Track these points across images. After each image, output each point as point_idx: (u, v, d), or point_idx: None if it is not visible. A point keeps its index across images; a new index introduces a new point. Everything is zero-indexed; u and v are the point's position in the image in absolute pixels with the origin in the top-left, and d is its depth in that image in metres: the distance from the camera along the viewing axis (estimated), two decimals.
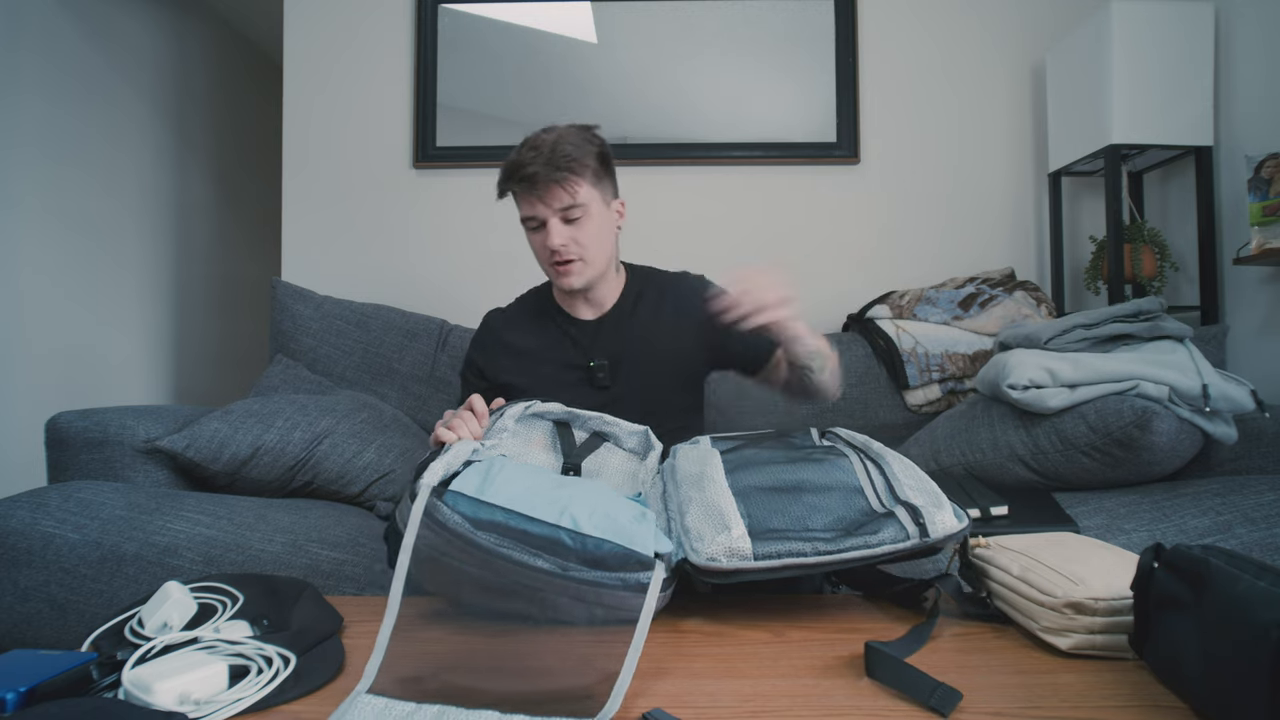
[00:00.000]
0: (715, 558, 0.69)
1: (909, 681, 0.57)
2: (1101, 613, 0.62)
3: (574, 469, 0.93)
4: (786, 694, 0.58)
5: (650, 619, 0.61)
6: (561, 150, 1.12)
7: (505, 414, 0.95)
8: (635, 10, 2.22)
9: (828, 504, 0.77)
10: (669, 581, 0.71)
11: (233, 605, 0.71)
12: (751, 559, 0.69)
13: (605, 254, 1.21)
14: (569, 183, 1.13)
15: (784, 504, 0.77)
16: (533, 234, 1.19)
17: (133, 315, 2.75)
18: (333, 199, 2.26)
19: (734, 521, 0.72)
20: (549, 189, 1.13)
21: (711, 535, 0.71)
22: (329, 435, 1.50)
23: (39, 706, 0.51)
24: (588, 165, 1.15)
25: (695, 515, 0.75)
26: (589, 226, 1.17)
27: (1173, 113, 1.84)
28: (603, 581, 0.67)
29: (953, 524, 0.72)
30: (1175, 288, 2.06)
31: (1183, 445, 1.23)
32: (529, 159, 1.12)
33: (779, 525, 0.73)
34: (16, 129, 2.24)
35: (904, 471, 0.80)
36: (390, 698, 0.56)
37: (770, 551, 0.69)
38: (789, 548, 0.70)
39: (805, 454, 0.89)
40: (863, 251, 2.22)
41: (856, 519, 0.74)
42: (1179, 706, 0.54)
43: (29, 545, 1.16)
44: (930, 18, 2.23)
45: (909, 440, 1.63)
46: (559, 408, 1.00)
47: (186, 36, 3.08)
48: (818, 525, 0.73)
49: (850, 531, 0.72)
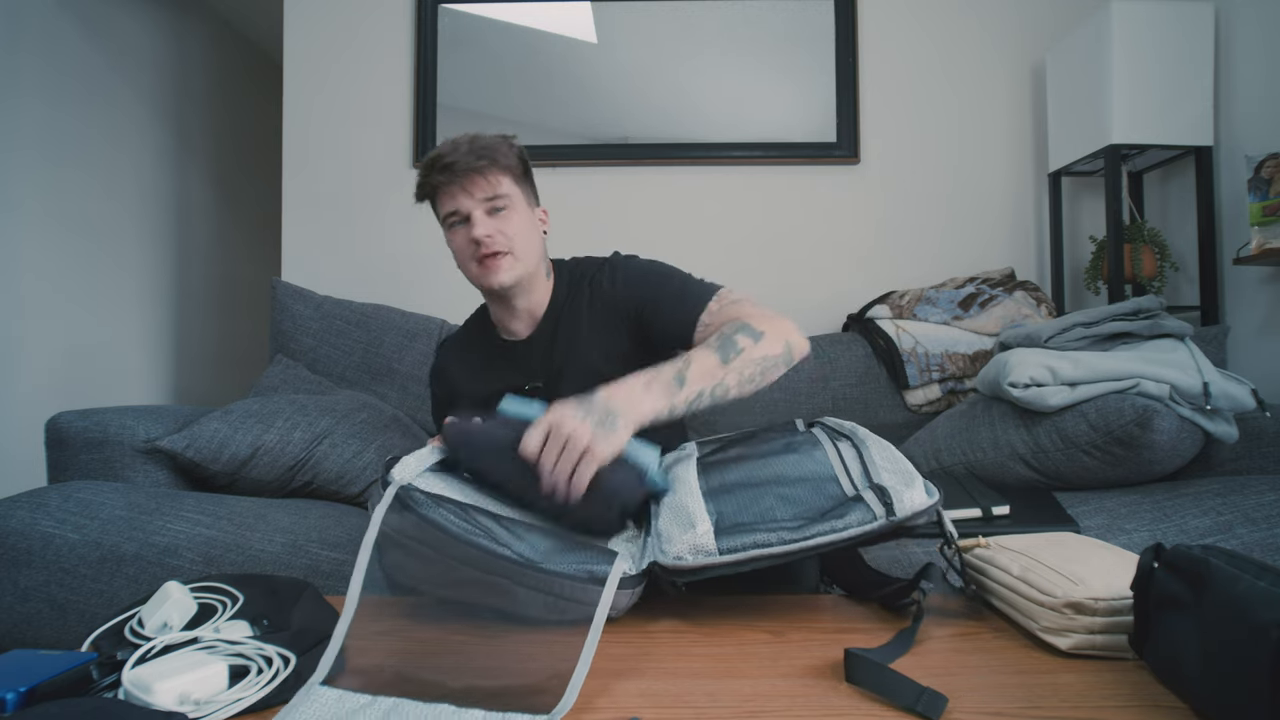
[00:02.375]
0: (681, 556, 0.70)
1: (891, 687, 0.55)
2: (1101, 613, 0.62)
3: None
4: (785, 694, 0.58)
5: (606, 614, 0.61)
6: (481, 142, 1.10)
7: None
8: (635, 10, 2.22)
9: (798, 494, 0.77)
10: (635, 580, 0.71)
11: (233, 605, 0.71)
12: (716, 553, 0.69)
13: (534, 252, 1.14)
14: (491, 173, 1.10)
15: (753, 498, 0.77)
16: (454, 232, 1.14)
17: (133, 315, 2.75)
18: (333, 199, 2.26)
19: (700, 519, 0.72)
20: (470, 178, 1.09)
21: (679, 535, 0.71)
22: (329, 435, 1.50)
23: (39, 706, 0.51)
24: (509, 164, 1.12)
25: (665, 518, 0.76)
26: (514, 219, 1.12)
27: (1173, 113, 1.84)
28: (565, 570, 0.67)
29: (921, 500, 0.71)
30: (1175, 288, 2.06)
31: (1184, 444, 1.23)
32: (448, 150, 1.10)
33: (746, 519, 0.73)
34: (16, 130, 2.24)
35: (880, 454, 0.79)
36: (345, 690, 0.56)
37: (735, 545, 0.70)
38: (754, 539, 0.70)
39: (783, 446, 0.88)
40: (863, 251, 2.22)
41: (826, 506, 0.74)
42: (1179, 706, 0.54)
43: (29, 545, 1.16)
44: (930, 18, 2.23)
45: (909, 440, 1.63)
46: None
47: (186, 37, 3.08)
48: (785, 515, 0.73)
49: (818, 519, 0.72)
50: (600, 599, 0.63)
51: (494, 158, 1.10)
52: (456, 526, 0.69)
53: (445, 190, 1.11)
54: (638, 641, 0.69)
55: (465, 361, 1.26)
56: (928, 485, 0.73)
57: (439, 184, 1.11)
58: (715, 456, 0.91)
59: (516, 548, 0.69)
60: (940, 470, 1.47)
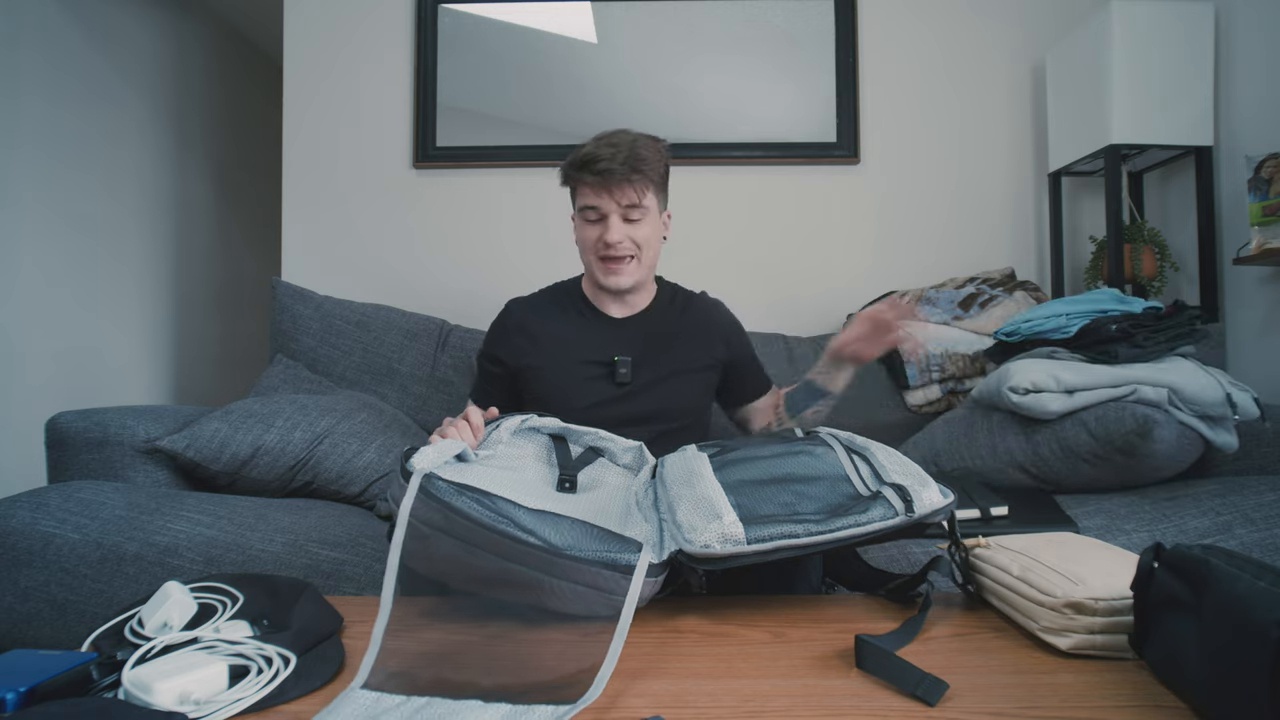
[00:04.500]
0: (709, 544, 0.70)
1: (896, 672, 0.58)
2: (1101, 612, 0.62)
3: (570, 480, 0.94)
4: (786, 694, 0.58)
5: (635, 603, 0.62)
6: (638, 153, 1.18)
7: (501, 426, 0.95)
8: (635, 10, 2.22)
9: (815, 491, 0.79)
10: (659, 569, 0.71)
11: (233, 605, 0.71)
12: (745, 543, 0.70)
13: (653, 258, 1.27)
14: (639, 184, 1.18)
15: (772, 493, 0.78)
16: (589, 225, 1.22)
17: (133, 315, 2.75)
18: (333, 199, 2.26)
19: (725, 510, 0.73)
20: (620, 186, 1.17)
21: (704, 525, 0.71)
22: (329, 435, 1.50)
23: (39, 706, 0.51)
24: (657, 173, 1.21)
25: (686, 510, 0.76)
26: (645, 229, 1.22)
27: (1173, 113, 1.84)
28: (591, 557, 0.68)
29: (938, 499, 0.73)
30: (1175, 288, 2.06)
31: (1184, 452, 1.23)
32: (606, 154, 1.17)
33: (769, 511, 0.74)
34: (17, 129, 2.24)
35: (888, 457, 0.82)
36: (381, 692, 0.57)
37: (763, 535, 0.70)
38: (781, 530, 0.71)
39: (789, 448, 0.90)
40: (863, 251, 2.22)
41: (844, 503, 0.76)
42: (1179, 706, 0.54)
43: (29, 545, 1.16)
44: (930, 17, 2.23)
45: (907, 443, 1.63)
46: (555, 422, 1.00)
47: (186, 36, 3.08)
48: (807, 510, 0.75)
49: (840, 513, 0.73)
50: (630, 587, 0.64)
51: (646, 171, 1.18)
52: (483, 515, 0.69)
53: (590, 189, 1.20)
54: (638, 641, 0.69)
55: (548, 308, 1.33)
56: (941, 487, 0.75)
57: (588, 182, 1.20)
58: (721, 458, 0.91)
59: (543, 534, 0.69)
60: (939, 475, 1.47)
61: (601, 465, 0.99)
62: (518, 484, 0.84)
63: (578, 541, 0.70)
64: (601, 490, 0.94)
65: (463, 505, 0.69)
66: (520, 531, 0.69)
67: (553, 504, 0.81)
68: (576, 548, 0.69)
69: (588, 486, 0.94)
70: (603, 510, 0.85)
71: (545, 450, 0.98)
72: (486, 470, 0.83)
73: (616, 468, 1.01)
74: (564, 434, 1.00)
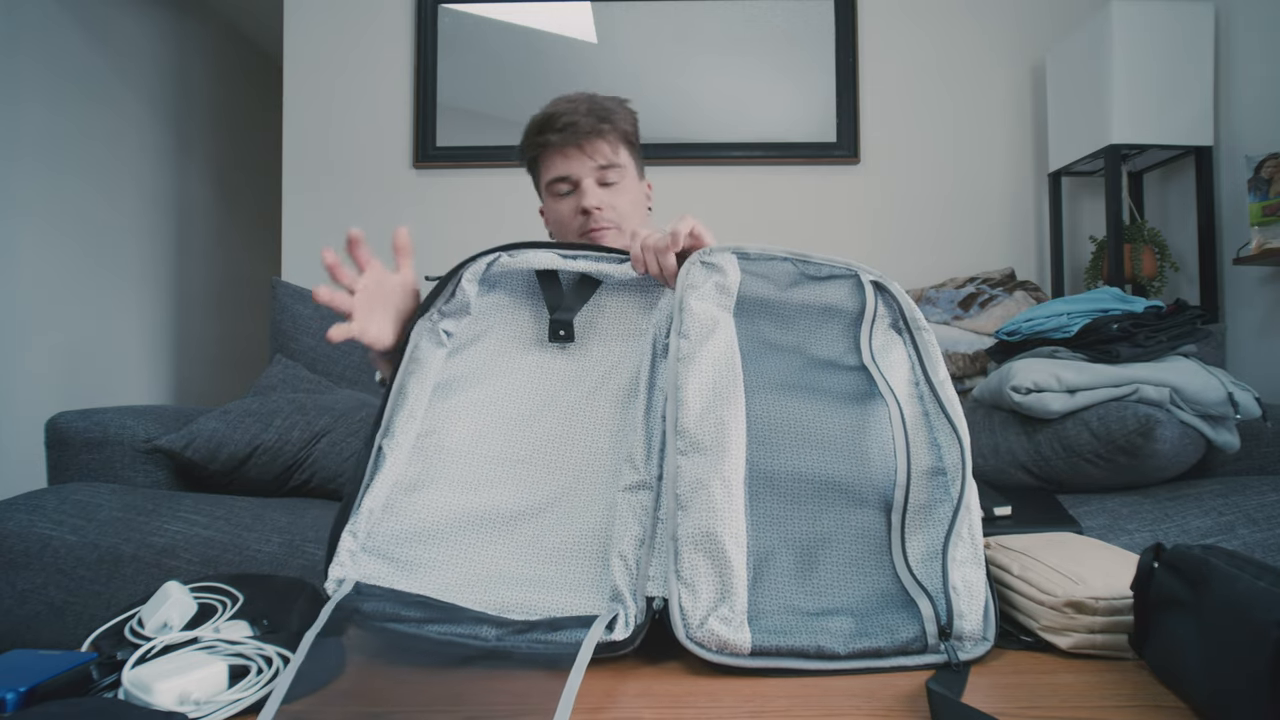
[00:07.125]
0: (703, 642, 0.60)
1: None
2: (1102, 612, 0.62)
3: (564, 326, 0.76)
4: (786, 694, 0.58)
5: (585, 668, 0.53)
6: (601, 103, 1.05)
7: (460, 281, 0.74)
8: (635, 10, 2.22)
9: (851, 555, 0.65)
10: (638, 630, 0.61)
11: (232, 605, 0.71)
12: (746, 655, 0.59)
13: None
14: (611, 137, 1.03)
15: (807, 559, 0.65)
16: (561, 200, 1.06)
17: (133, 315, 2.75)
18: (333, 199, 2.26)
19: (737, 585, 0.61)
20: (590, 140, 1.02)
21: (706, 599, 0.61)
22: (327, 434, 1.49)
23: (39, 706, 0.51)
24: (626, 129, 1.07)
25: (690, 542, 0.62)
26: (625, 195, 1.06)
27: (1173, 113, 1.84)
28: (546, 639, 0.60)
29: (976, 625, 0.61)
30: (1175, 288, 2.06)
31: (1186, 451, 1.23)
32: (566, 109, 1.03)
33: (793, 601, 0.62)
34: (17, 130, 2.24)
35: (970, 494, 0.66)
36: None
37: (769, 646, 0.59)
38: (792, 644, 0.59)
39: (847, 386, 0.73)
40: (862, 251, 2.22)
41: (876, 600, 0.62)
42: (1179, 706, 0.54)
43: (26, 548, 1.16)
44: (930, 18, 2.23)
45: None
46: (532, 255, 0.75)
47: (186, 37, 3.08)
48: (837, 605, 0.62)
49: (864, 630, 0.60)
50: (578, 655, 0.54)
51: (614, 121, 1.04)
52: (422, 629, 0.61)
53: (559, 151, 1.04)
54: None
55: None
56: (988, 605, 0.62)
57: (553, 144, 1.04)
58: (757, 373, 0.70)
59: (484, 633, 0.61)
60: None
61: (602, 297, 0.79)
62: (510, 393, 0.73)
63: (523, 630, 0.60)
64: (604, 344, 0.77)
65: (399, 627, 0.60)
66: (462, 634, 0.61)
67: (543, 397, 0.72)
68: (524, 639, 0.60)
69: (586, 334, 0.77)
70: (599, 387, 0.73)
71: (531, 300, 0.79)
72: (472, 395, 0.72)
73: (619, 297, 0.79)
74: (551, 266, 0.77)
